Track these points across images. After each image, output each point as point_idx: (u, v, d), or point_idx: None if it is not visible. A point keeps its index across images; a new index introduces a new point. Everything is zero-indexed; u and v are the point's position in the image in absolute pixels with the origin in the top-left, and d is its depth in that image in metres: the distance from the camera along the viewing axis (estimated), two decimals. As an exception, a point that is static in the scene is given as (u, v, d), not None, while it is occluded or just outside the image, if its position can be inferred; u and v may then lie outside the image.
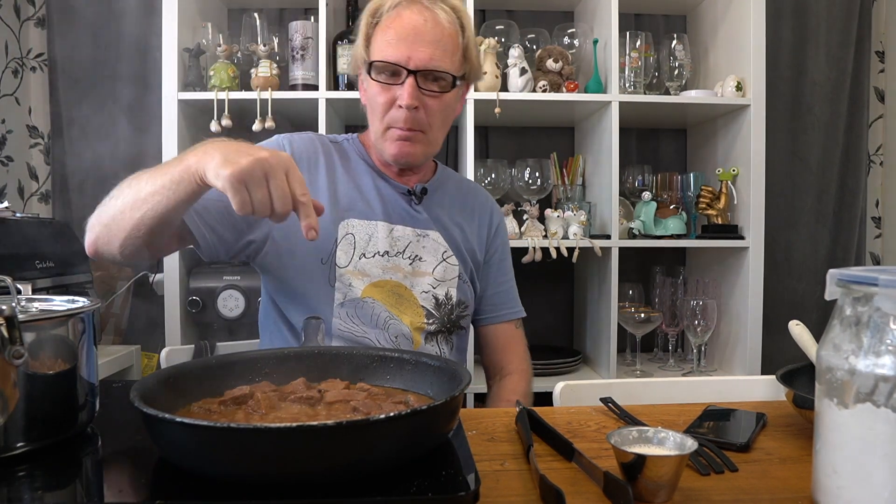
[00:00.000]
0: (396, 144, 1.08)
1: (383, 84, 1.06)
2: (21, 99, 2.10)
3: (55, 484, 0.58)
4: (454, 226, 1.20)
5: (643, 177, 2.09)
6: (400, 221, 1.14)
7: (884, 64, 2.33)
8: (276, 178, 0.75)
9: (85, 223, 1.01)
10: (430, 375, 0.74)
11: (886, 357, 0.51)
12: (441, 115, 1.09)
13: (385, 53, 1.05)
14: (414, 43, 1.04)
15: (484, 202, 1.29)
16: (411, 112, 1.05)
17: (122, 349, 1.92)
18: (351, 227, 1.10)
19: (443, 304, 1.15)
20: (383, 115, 1.08)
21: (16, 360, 0.59)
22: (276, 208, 0.75)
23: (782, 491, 0.62)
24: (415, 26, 1.04)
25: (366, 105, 1.13)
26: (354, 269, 1.09)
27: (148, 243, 0.93)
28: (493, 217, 1.28)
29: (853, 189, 2.28)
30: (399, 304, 1.11)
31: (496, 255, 1.28)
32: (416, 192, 1.16)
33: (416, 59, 1.04)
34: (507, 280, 1.29)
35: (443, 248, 1.16)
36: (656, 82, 2.03)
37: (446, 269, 1.16)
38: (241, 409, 0.66)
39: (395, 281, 1.11)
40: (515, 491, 0.61)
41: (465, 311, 1.18)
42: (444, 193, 1.22)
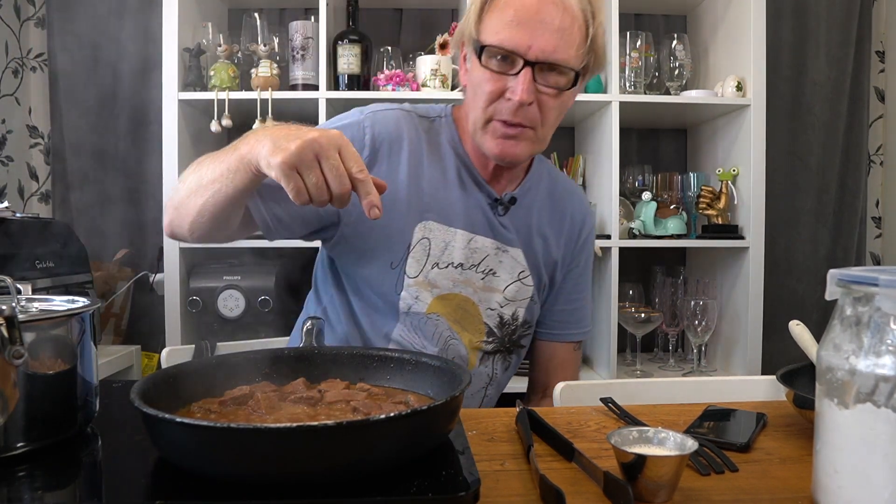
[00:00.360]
0: (498, 143, 0.95)
1: (494, 72, 0.92)
2: (21, 99, 2.11)
3: (55, 484, 0.58)
4: (538, 237, 1.09)
5: (643, 177, 2.09)
6: (482, 232, 1.04)
7: (884, 64, 2.33)
8: (328, 159, 0.70)
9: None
10: (430, 375, 0.74)
11: (887, 357, 0.51)
12: (556, 112, 0.96)
13: (501, 37, 0.91)
14: (536, 28, 0.89)
15: (577, 210, 1.15)
16: (523, 107, 0.92)
17: (122, 349, 1.92)
18: (428, 231, 1.01)
19: (507, 324, 1.07)
20: (487, 105, 0.94)
21: (16, 360, 0.58)
22: (332, 190, 0.70)
23: (782, 491, 0.62)
24: (539, 9, 0.89)
25: (465, 86, 1.01)
26: (424, 280, 1.01)
27: (215, 228, 0.90)
28: (584, 228, 1.15)
29: (853, 189, 2.28)
30: (463, 319, 1.04)
31: (577, 268, 1.16)
32: (504, 202, 1.04)
33: (537, 49, 0.89)
34: (581, 298, 1.17)
35: (521, 267, 1.07)
36: (656, 82, 2.03)
37: (519, 289, 1.07)
38: (241, 409, 0.66)
39: (463, 295, 1.03)
40: (515, 491, 0.61)
41: (528, 330, 1.11)
42: (534, 197, 1.09)
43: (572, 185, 1.20)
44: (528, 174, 1.10)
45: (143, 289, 2.05)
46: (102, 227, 2.10)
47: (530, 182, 1.09)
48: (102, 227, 2.10)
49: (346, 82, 1.86)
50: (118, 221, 2.11)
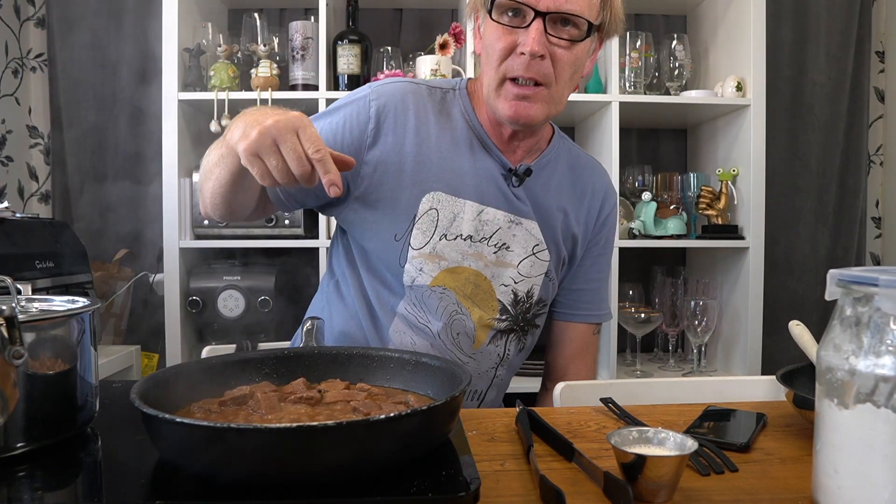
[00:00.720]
0: (512, 104, 0.93)
1: (505, 26, 0.90)
2: (21, 99, 2.11)
3: (55, 484, 0.58)
4: (557, 211, 1.06)
5: (643, 177, 2.09)
6: (493, 203, 1.01)
7: (884, 64, 2.33)
8: (285, 142, 0.73)
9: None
10: (430, 375, 0.74)
11: (887, 357, 0.51)
12: (570, 68, 0.93)
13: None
14: None
15: (598, 184, 1.12)
16: (535, 60, 0.89)
17: (122, 349, 1.92)
18: (436, 202, 0.98)
19: (521, 302, 1.04)
20: (499, 63, 0.92)
21: (16, 360, 0.59)
22: (293, 171, 0.73)
23: (782, 491, 0.62)
24: None
25: (480, 55, 0.99)
26: (431, 252, 0.99)
27: (232, 208, 0.95)
28: (605, 203, 1.12)
29: (853, 189, 2.28)
30: (474, 294, 1.01)
31: (598, 246, 1.13)
32: (519, 173, 1.01)
33: (548, 0, 0.88)
34: (601, 278, 1.15)
35: (535, 240, 1.04)
36: (656, 82, 2.03)
37: (534, 264, 1.04)
38: (241, 409, 0.66)
39: (473, 269, 1.01)
40: (515, 491, 0.61)
41: (542, 308, 1.09)
42: (552, 171, 1.07)
43: (594, 161, 1.17)
44: (548, 147, 1.08)
45: (143, 289, 2.05)
46: (102, 227, 2.10)
47: (549, 155, 1.07)
48: (102, 227, 2.10)
49: (345, 82, 1.86)
50: (118, 221, 2.11)
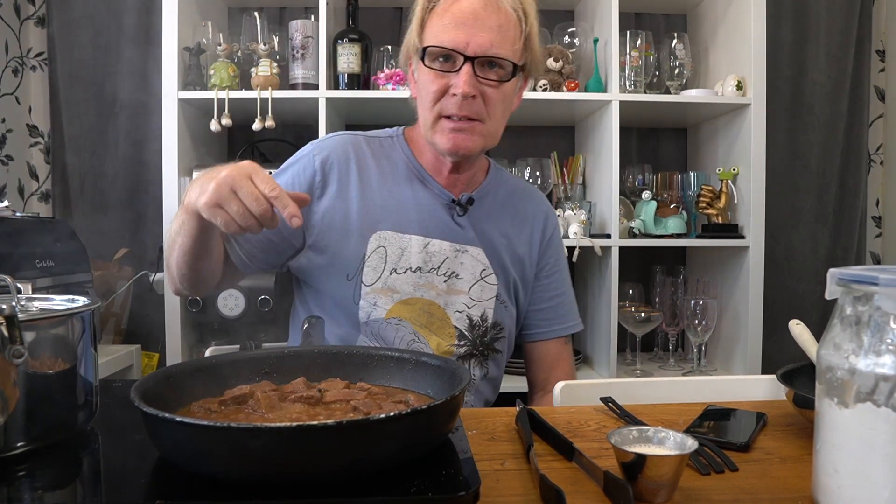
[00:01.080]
0: (450, 137, 1.00)
1: (437, 71, 0.99)
2: (21, 98, 2.10)
3: (55, 484, 0.58)
4: (501, 236, 1.12)
5: (643, 176, 2.09)
6: (438, 235, 1.07)
7: (884, 63, 2.33)
8: (242, 188, 0.78)
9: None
10: (430, 375, 0.74)
11: (887, 356, 0.51)
12: (501, 105, 1.02)
13: (441, 38, 0.98)
14: (473, 27, 0.96)
15: (538, 208, 1.20)
16: (467, 100, 0.98)
17: (122, 349, 1.92)
18: (383, 240, 1.05)
19: (477, 326, 1.09)
20: (434, 104, 1.00)
21: (16, 360, 0.59)
22: (253, 212, 0.78)
23: (782, 491, 0.62)
24: (474, 10, 0.97)
25: (416, 98, 1.06)
26: (383, 287, 1.04)
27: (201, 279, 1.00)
28: (546, 225, 1.19)
29: (853, 189, 2.28)
30: (430, 323, 1.06)
31: (547, 267, 1.19)
32: (462, 203, 1.08)
33: (475, 45, 0.96)
34: (561, 293, 1.20)
35: (482, 265, 1.09)
36: (656, 81, 2.03)
37: (483, 288, 1.09)
38: (241, 409, 0.66)
39: (427, 299, 1.06)
40: (515, 491, 0.61)
41: (500, 332, 1.13)
42: (493, 200, 1.14)
43: (531, 187, 1.27)
44: (486, 179, 1.16)
45: (143, 289, 2.05)
46: (102, 226, 2.10)
47: (488, 186, 1.15)
48: (102, 227, 2.10)
49: (346, 81, 1.86)
50: (118, 221, 2.11)
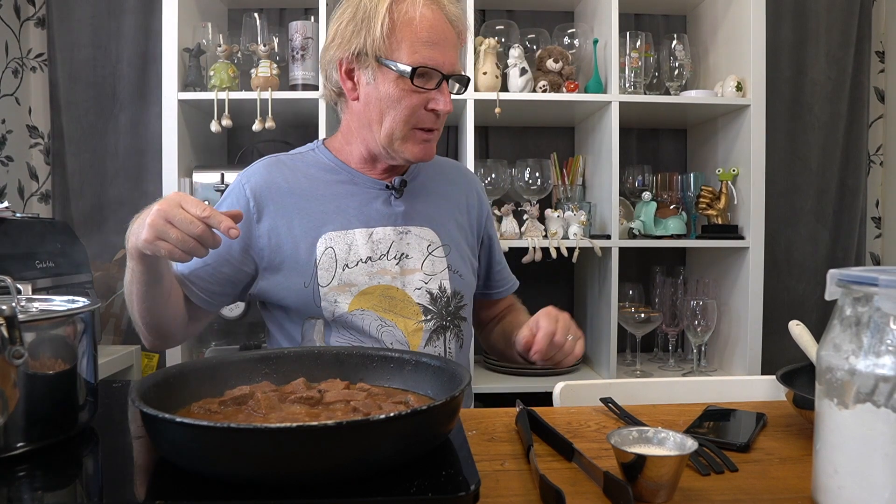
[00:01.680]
0: (422, 147, 1.06)
1: (418, 87, 1.01)
2: (21, 99, 2.10)
3: (55, 484, 0.58)
4: (440, 210, 1.17)
5: (643, 177, 2.09)
6: (379, 223, 1.10)
7: (884, 64, 2.33)
8: (175, 216, 0.82)
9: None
10: (430, 375, 0.74)
11: (886, 357, 0.51)
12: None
13: (423, 56, 1.00)
14: (444, 46, 1.02)
15: (465, 177, 1.27)
16: (442, 115, 1.04)
17: (122, 349, 1.92)
18: (329, 241, 1.07)
19: (438, 298, 1.12)
20: (409, 117, 1.03)
21: (16, 360, 0.59)
22: (192, 235, 0.82)
23: (782, 491, 0.62)
24: (442, 28, 1.02)
25: (364, 102, 1.05)
26: (339, 284, 1.06)
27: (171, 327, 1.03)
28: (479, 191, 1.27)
29: (853, 189, 2.28)
30: (392, 307, 1.08)
31: (487, 230, 1.27)
32: (396, 186, 1.12)
33: (449, 64, 1.03)
34: (502, 256, 1.31)
35: (427, 241, 1.13)
36: (656, 82, 2.04)
37: (434, 262, 1.13)
38: (241, 409, 0.66)
39: (384, 285, 1.08)
40: (515, 491, 0.61)
41: (461, 301, 1.15)
42: (425, 177, 1.19)
43: (456, 162, 1.33)
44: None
45: (143, 289, 2.05)
46: (102, 227, 2.10)
47: (416, 167, 1.18)
48: (102, 227, 2.10)
49: (346, 82, 1.86)
50: (118, 221, 2.11)
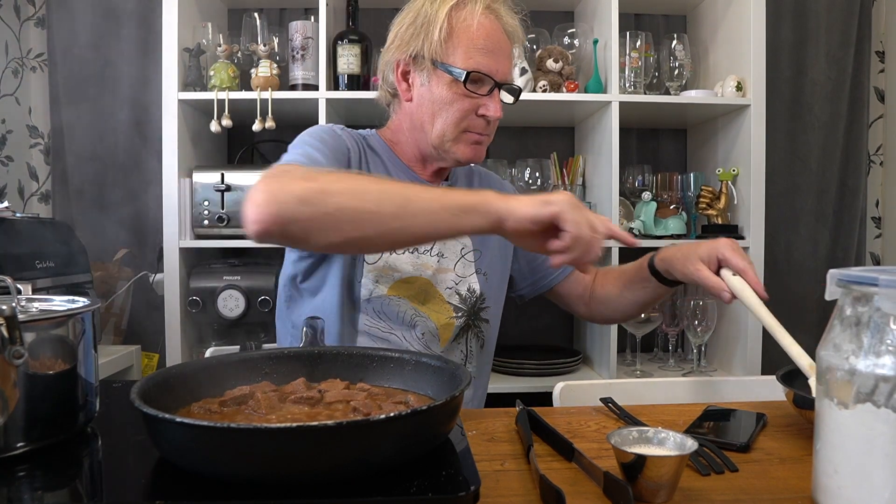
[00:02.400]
0: (472, 148, 1.09)
1: (470, 92, 1.04)
2: (21, 99, 2.10)
3: (55, 484, 0.58)
4: None
5: (643, 177, 2.09)
6: None
7: (884, 64, 2.33)
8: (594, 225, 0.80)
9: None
10: (430, 375, 0.74)
11: (886, 357, 0.51)
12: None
13: (478, 62, 1.03)
14: (499, 55, 1.05)
15: (493, 180, 1.32)
16: (493, 122, 1.08)
17: (122, 349, 1.92)
18: None
19: (467, 299, 1.16)
20: (460, 121, 1.07)
21: (16, 360, 0.59)
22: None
23: (782, 491, 0.62)
24: (498, 37, 1.06)
25: (417, 103, 1.09)
26: (384, 265, 1.09)
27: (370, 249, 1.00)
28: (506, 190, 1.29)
29: (853, 189, 2.28)
30: (426, 301, 1.12)
31: None
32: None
33: (502, 73, 1.06)
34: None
35: (461, 244, 1.17)
36: (656, 82, 2.03)
37: (465, 265, 1.17)
38: (241, 409, 0.66)
39: (424, 278, 1.12)
40: (515, 491, 0.61)
41: (484, 302, 1.18)
42: (463, 183, 1.25)
43: (487, 171, 1.37)
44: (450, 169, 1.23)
45: (143, 289, 2.05)
46: (102, 227, 2.10)
47: (456, 174, 1.25)
48: (102, 227, 2.10)
49: (346, 82, 1.86)
50: (118, 221, 2.11)
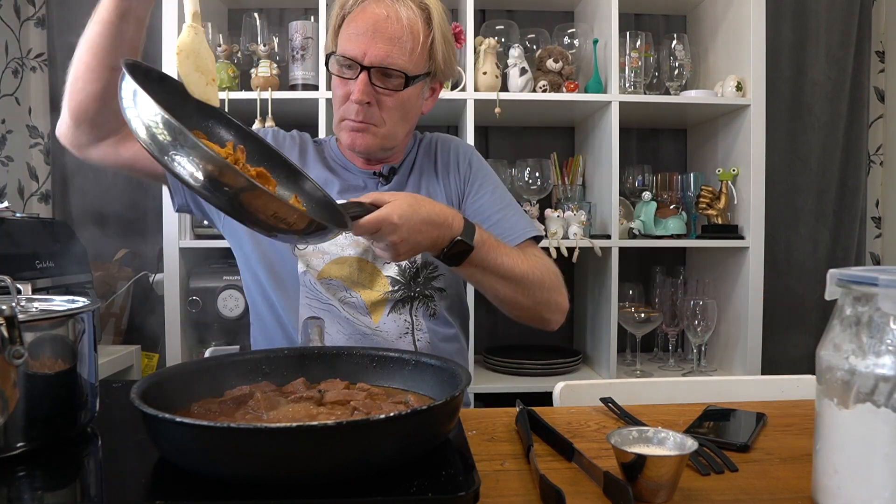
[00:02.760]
0: (349, 135, 1.09)
1: (340, 77, 1.08)
2: (21, 99, 2.10)
3: (55, 484, 0.58)
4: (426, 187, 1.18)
5: (643, 177, 2.09)
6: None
7: (884, 64, 2.33)
8: None
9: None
10: (430, 375, 0.74)
11: (886, 357, 0.51)
12: (397, 111, 1.09)
13: (345, 47, 1.06)
14: (372, 38, 1.04)
15: (454, 148, 1.24)
16: (363, 106, 1.06)
17: (122, 349, 1.92)
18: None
19: (406, 270, 1.14)
20: (339, 107, 1.10)
21: (16, 360, 0.59)
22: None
23: (782, 491, 0.62)
24: (375, 21, 1.04)
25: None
26: (314, 249, 1.11)
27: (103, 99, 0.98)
28: (461, 155, 1.22)
29: (853, 189, 2.28)
30: (361, 278, 1.12)
31: (474, 187, 1.20)
32: (384, 173, 1.17)
33: (371, 56, 1.04)
34: (501, 209, 1.17)
35: None
36: (656, 82, 2.03)
37: None
38: (241, 409, 0.66)
39: (354, 256, 1.12)
40: (515, 491, 0.61)
41: (434, 270, 1.16)
42: (418, 165, 1.21)
43: (445, 136, 1.29)
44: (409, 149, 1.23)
45: (143, 289, 2.05)
46: (102, 226, 2.10)
47: (410, 153, 1.23)
48: (102, 227, 2.10)
49: (346, 82, 1.86)
50: (118, 221, 2.11)
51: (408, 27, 1.05)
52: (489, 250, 1.00)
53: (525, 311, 1.08)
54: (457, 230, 0.95)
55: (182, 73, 0.78)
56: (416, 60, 1.07)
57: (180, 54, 0.77)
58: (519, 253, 1.06)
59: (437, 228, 0.93)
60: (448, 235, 0.95)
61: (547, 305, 1.09)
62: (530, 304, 1.07)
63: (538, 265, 1.07)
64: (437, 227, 0.93)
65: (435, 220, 0.92)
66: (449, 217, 0.95)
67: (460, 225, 0.96)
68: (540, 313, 1.09)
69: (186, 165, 0.62)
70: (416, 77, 1.08)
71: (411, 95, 1.10)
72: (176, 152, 0.61)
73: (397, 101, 1.08)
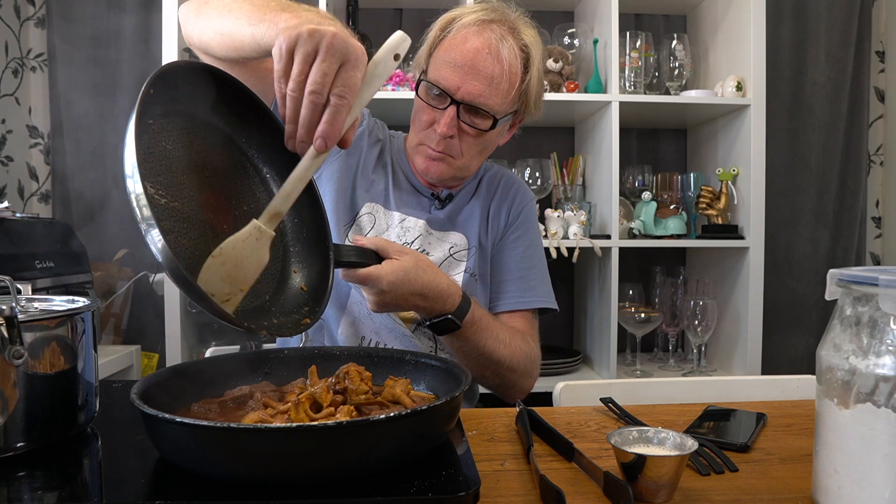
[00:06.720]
0: (426, 161, 1.09)
1: (428, 104, 1.06)
2: (21, 99, 2.10)
3: (55, 484, 0.58)
4: (478, 221, 1.17)
5: (643, 177, 2.09)
6: (413, 214, 1.14)
7: (884, 64, 2.33)
8: (323, 60, 0.63)
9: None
10: (430, 375, 0.74)
11: (887, 357, 0.51)
12: (477, 147, 1.09)
13: (439, 74, 1.04)
14: (468, 74, 1.01)
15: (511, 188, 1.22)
16: (445, 139, 1.05)
17: (122, 349, 1.92)
18: (373, 210, 1.13)
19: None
20: (420, 130, 1.09)
21: (16, 360, 0.59)
22: (306, 89, 0.64)
23: (782, 491, 0.62)
24: (475, 55, 1.01)
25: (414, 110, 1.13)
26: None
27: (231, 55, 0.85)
28: (515, 204, 1.20)
29: (853, 189, 2.29)
30: None
31: (511, 237, 1.18)
32: (441, 198, 1.16)
33: (464, 92, 1.02)
34: (529, 267, 1.17)
35: (449, 244, 1.14)
36: (656, 82, 2.04)
37: (451, 264, 1.14)
38: (241, 409, 0.66)
39: None
40: (515, 491, 0.61)
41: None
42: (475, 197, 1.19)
43: (508, 173, 1.27)
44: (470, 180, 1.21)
45: (143, 289, 2.05)
46: (102, 226, 2.10)
47: (472, 182, 1.21)
48: (102, 227, 2.10)
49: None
50: (118, 221, 2.11)
51: (507, 69, 1.02)
52: (476, 332, 0.98)
53: (486, 383, 1.09)
54: (450, 307, 0.94)
55: (202, 279, 0.62)
56: (507, 102, 1.05)
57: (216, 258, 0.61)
58: (506, 335, 1.04)
59: (427, 301, 0.92)
60: (438, 310, 0.94)
61: (511, 387, 1.08)
62: (496, 382, 1.07)
63: (518, 351, 1.05)
64: (427, 300, 0.92)
65: (428, 294, 0.91)
66: (445, 292, 0.93)
67: (455, 303, 0.94)
68: (501, 390, 1.10)
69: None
70: (504, 118, 1.07)
71: (494, 134, 1.09)
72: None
73: (480, 140, 1.07)
